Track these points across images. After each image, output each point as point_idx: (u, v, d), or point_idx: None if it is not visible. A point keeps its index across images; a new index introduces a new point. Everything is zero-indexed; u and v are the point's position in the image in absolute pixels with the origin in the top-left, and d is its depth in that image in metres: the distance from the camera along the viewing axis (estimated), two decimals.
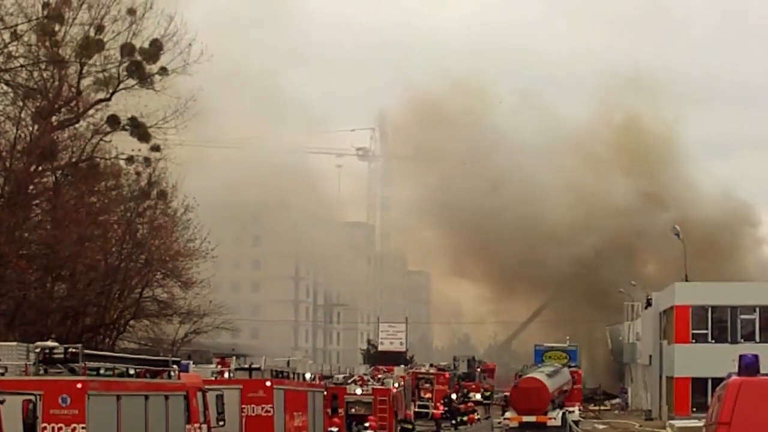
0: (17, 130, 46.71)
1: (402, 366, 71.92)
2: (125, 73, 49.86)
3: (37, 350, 24.15)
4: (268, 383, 33.59)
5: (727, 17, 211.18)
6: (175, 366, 28.04)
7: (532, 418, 58.89)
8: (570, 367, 72.35)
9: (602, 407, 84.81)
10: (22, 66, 47.18)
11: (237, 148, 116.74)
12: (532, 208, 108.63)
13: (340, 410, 46.65)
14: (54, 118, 48.76)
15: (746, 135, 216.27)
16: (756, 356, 19.84)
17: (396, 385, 53.20)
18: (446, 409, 64.94)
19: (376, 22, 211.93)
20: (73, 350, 23.76)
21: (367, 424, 48.03)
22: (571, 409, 64.11)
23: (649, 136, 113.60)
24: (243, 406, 32.96)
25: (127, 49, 49.61)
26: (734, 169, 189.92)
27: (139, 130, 50.33)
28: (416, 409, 63.59)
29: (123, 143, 50.86)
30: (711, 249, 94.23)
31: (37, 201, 48.46)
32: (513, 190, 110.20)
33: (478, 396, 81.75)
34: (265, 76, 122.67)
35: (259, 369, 34.59)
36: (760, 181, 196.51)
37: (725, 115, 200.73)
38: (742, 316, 64.16)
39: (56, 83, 48.59)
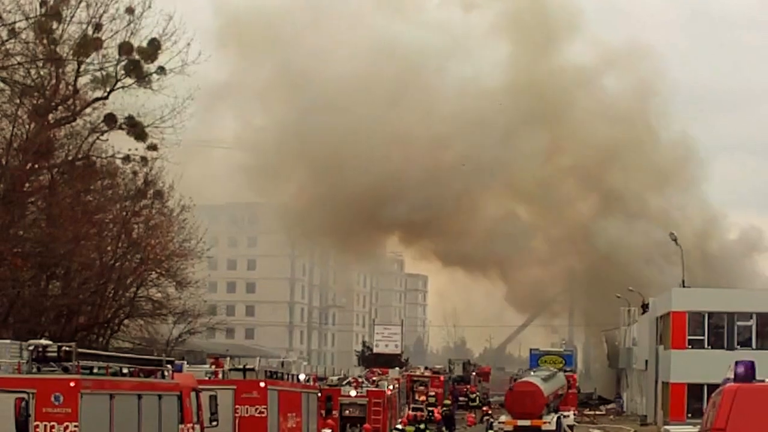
0: (14, 127, 46.59)
1: (397, 368, 71.95)
2: (123, 71, 49.78)
3: (31, 348, 23.95)
4: (262, 384, 33.44)
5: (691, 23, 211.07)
6: (168, 366, 27.88)
7: (527, 422, 58.81)
8: (565, 371, 72.31)
9: (597, 412, 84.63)
10: (19, 63, 47.04)
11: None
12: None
13: (334, 412, 46.59)
14: (51, 116, 48.64)
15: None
16: (752, 363, 19.72)
17: (390, 387, 53.14)
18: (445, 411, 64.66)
19: None
20: (67, 349, 23.55)
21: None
22: (566, 413, 64.04)
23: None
24: (237, 406, 32.80)
25: (125, 48, 49.50)
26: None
27: (135, 129, 50.24)
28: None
29: (120, 142, 50.79)
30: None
31: (33, 199, 48.31)
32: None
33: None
34: None
35: (253, 370, 34.44)
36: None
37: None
38: (739, 323, 64.08)
39: (53, 81, 48.47)
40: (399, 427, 49.68)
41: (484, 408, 71.74)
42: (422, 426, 53.08)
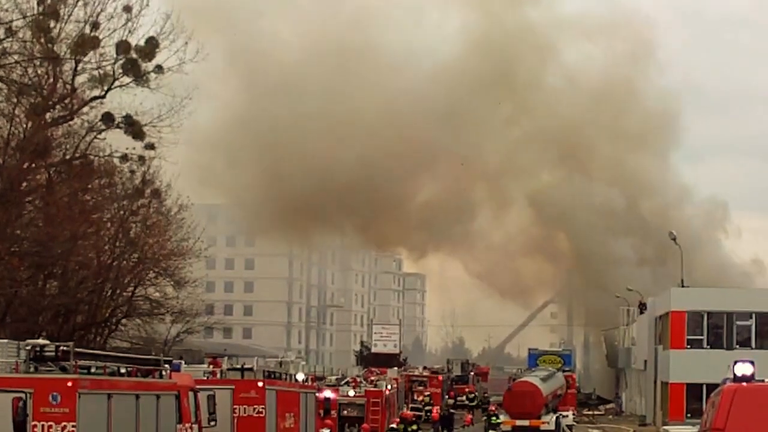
0: (11, 126, 46.49)
1: (395, 368, 71.82)
2: (120, 70, 49.65)
3: (28, 348, 23.87)
4: (260, 384, 33.36)
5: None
6: (166, 365, 27.80)
7: (526, 423, 58.73)
8: (564, 371, 72.20)
9: (596, 412, 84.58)
10: (16, 62, 46.92)
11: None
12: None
13: (332, 412, 46.47)
14: (48, 115, 48.53)
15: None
16: (751, 362, 19.66)
17: (389, 387, 53.04)
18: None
19: None
20: (64, 348, 23.48)
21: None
22: (564, 413, 63.96)
23: None
24: (235, 406, 32.73)
25: (122, 47, 49.39)
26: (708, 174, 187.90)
27: (133, 128, 50.12)
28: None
29: (117, 141, 50.65)
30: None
31: (30, 198, 48.22)
32: None
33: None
34: None
35: (251, 369, 34.38)
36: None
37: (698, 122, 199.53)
38: (738, 323, 64.00)
39: (51, 80, 48.36)
40: (393, 426, 49.63)
41: (492, 408, 71.57)
42: (414, 426, 52.98)
